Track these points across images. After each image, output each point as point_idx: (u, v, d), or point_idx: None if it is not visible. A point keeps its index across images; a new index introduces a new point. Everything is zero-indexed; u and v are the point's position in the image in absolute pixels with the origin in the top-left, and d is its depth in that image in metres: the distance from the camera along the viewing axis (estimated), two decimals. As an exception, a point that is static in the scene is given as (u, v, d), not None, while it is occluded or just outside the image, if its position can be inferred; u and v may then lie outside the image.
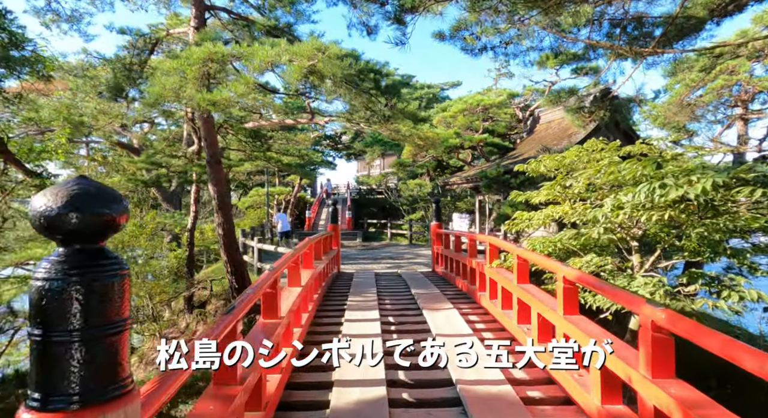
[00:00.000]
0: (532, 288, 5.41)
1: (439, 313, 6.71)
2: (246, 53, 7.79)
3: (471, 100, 21.68)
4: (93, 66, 11.65)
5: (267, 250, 13.47)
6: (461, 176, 18.86)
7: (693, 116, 17.48)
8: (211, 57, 7.89)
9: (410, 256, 19.94)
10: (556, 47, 9.39)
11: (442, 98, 39.38)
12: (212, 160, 10.44)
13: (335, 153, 40.16)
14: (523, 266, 5.68)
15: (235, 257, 10.75)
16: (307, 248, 6.95)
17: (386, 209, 32.60)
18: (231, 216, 10.68)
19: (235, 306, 3.29)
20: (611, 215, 4.40)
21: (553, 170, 6.05)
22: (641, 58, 8.25)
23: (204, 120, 10.37)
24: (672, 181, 3.78)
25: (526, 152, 17.50)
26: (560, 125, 17.47)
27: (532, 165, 6.20)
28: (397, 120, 11.49)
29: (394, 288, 9.34)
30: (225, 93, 7.55)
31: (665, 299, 4.02)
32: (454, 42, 10.13)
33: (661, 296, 4.04)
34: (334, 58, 8.10)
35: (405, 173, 28.77)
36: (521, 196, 6.33)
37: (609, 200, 4.42)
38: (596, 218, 4.49)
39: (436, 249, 12.08)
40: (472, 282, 8.28)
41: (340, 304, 7.60)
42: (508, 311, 6.12)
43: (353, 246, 25.26)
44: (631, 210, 4.23)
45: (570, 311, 4.35)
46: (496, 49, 10.03)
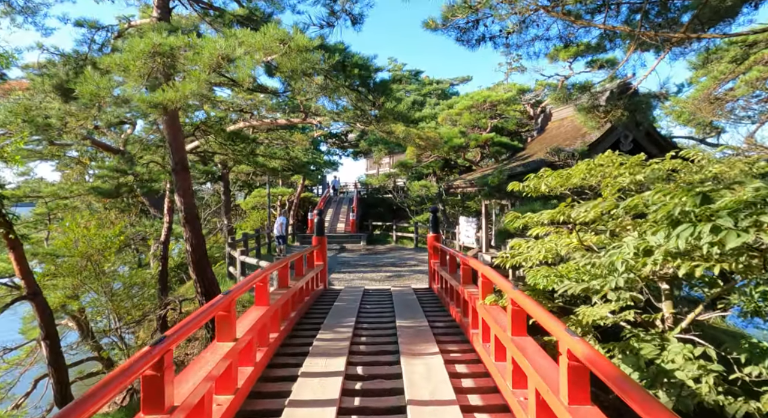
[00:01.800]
0: (529, 347, 4.15)
1: (420, 362, 5.47)
2: (197, 46, 6.60)
3: (477, 97, 20.29)
4: (54, 63, 10.57)
5: (249, 263, 12.34)
6: (465, 179, 17.54)
7: (721, 112, 15.96)
8: (157, 50, 6.72)
9: (414, 263, 18.78)
10: (565, 36, 8.05)
11: (452, 94, 37.91)
12: (178, 167, 9.30)
13: (341, 151, 38.98)
14: (519, 314, 4.42)
15: (205, 276, 9.62)
16: (261, 279, 5.75)
17: (395, 210, 31.41)
18: (200, 230, 9.54)
19: (162, 339, 3.03)
20: (635, 264, 3.14)
21: (557, 188, 4.78)
22: (668, 47, 6.90)
23: (168, 122, 9.23)
24: (729, 222, 2.52)
25: (536, 153, 16.11)
26: (573, 123, 16.04)
27: (531, 183, 4.91)
28: (387, 121, 10.24)
29: (377, 316, 8.12)
30: (170, 93, 6.37)
31: (715, 394, 2.74)
32: (447, 32, 8.84)
33: (710, 386, 2.76)
34: (303, 51, 6.87)
35: (409, 174, 27.45)
36: (518, 220, 5.05)
37: (631, 241, 3.16)
38: (614, 265, 3.23)
39: (432, 264, 10.84)
40: (464, 313, 7.04)
41: (305, 343, 6.40)
42: (503, 364, 4.87)
43: (357, 250, 24.16)
44: (664, 257, 2.97)
45: (579, 399, 3.10)
46: (496, 39, 8.72)
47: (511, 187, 4.98)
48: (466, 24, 8.71)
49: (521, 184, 4.94)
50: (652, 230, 3.07)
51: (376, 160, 39.56)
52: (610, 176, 4.69)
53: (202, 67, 6.41)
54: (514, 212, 5.21)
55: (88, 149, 19.32)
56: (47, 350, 9.09)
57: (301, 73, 7.24)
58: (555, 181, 4.64)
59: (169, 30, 7.52)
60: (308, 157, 26.19)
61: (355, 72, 9.25)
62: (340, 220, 31.24)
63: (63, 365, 9.41)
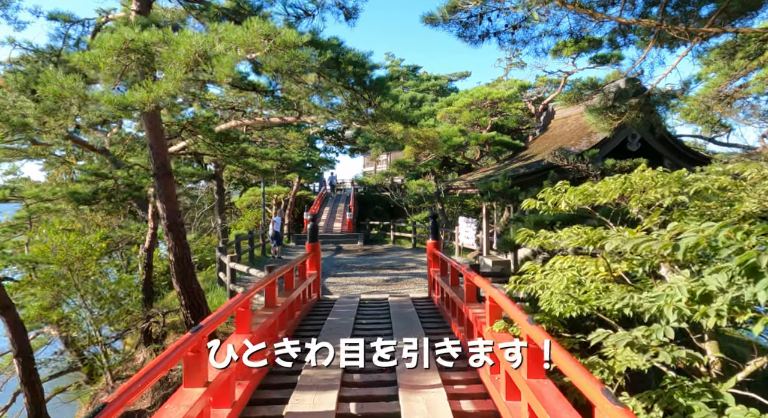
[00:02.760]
0: (550, 394, 3.55)
1: (421, 397, 4.87)
2: (173, 42, 5.95)
3: (478, 94, 19.63)
4: (29, 59, 9.91)
5: (239, 270, 11.73)
6: (466, 180, 16.93)
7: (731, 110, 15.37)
8: (129, 46, 6.08)
9: (412, 264, 18.22)
10: (577, 31, 7.42)
11: (450, 90, 37.26)
12: (159, 171, 8.66)
13: (338, 149, 38.27)
14: (537, 353, 3.82)
15: (190, 287, 8.98)
16: (242, 304, 5.14)
17: (392, 208, 30.81)
18: (184, 238, 8.91)
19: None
20: (693, 314, 2.52)
21: (578, 206, 4.16)
22: (695, 40, 6.28)
23: (149, 122, 8.58)
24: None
25: (539, 153, 15.51)
26: (578, 122, 15.44)
27: (548, 199, 4.27)
28: (384, 121, 9.60)
29: (373, 334, 7.50)
30: (141, 94, 5.73)
31: None
32: (449, 27, 8.21)
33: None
34: (291, 47, 6.22)
35: (406, 174, 26.83)
36: (533, 239, 4.42)
37: (683, 284, 2.56)
38: (660, 310, 2.63)
39: (432, 272, 10.23)
40: (468, 334, 6.44)
41: (293, 371, 5.79)
42: (515, 404, 4.28)
43: (354, 250, 23.58)
44: (730, 307, 2.38)
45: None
46: (502, 35, 8.09)
47: (526, 205, 4.34)
48: (469, 19, 8.08)
49: (536, 202, 4.30)
50: (710, 270, 2.47)
51: (373, 158, 38.90)
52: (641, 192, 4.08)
53: (178, 66, 5.76)
54: (525, 229, 4.59)
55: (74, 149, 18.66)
56: (19, 368, 8.48)
57: (289, 72, 6.59)
58: (577, 198, 4.01)
59: (144, 24, 6.86)
60: (303, 155, 25.53)
61: (350, 69, 8.61)
62: (337, 219, 30.63)
63: (37, 383, 8.79)
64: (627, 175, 4.16)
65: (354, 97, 10.23)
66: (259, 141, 21.01)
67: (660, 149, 13.24)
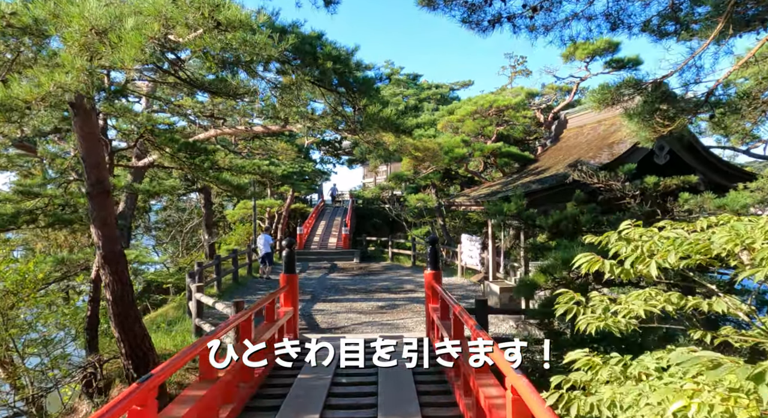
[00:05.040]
0: None
1: None
2: (67, 15, 4.32)
3: (482, 101, 18.01)
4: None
5: (206, 303, 10.01)
6: (470, 196, 15.22)
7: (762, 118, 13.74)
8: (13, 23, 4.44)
9: (410, 287, 16.60)
10: (615, 13, 5.80)
11: (452, 99, 35.72)
12: (94, 189, 6.98)
13: (335, 159, 36.64)
14: None
15: (131, 333, 7.25)
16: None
17: (391, 221, 29.22)
18: (125, 272, 7.21)
19: None
20: None
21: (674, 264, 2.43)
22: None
23: (80, 129, 6.91)
24: None
25: (551, 165, 13.84)
26: (596, 131, 13.78)
27: (628, 258, 2.46)
28: (373, 128, 7.96)
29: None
30: (17, 89, 4.08)
31: None
32: (451, 11, 6.57)
33: None
34: (237, 28, 4.57)
35: (406, 186, 25.22)
36: (588, 309, 2.68)
37: None
38: None
39: (431, 310, 8.50)
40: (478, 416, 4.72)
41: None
42: None
43: (349, 269, 21.93)
44: None
45: None
46: (516, 19, 6.45)
47: (586, 268, 2.60)
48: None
49: (603, 261, 2.55)
50: None
51: (372, 169, 37.31)
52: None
53: (72, 48, 4.11)
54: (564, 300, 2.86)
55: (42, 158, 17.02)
56: None
57: (239, 61, 4.95)
58: (683, 249, 2.27)
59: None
60: (294, 167, 23.89)
61: (329, 66, 6.97)
62: (333, 234, 29.01)
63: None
64: (740, 217, 2.47)
65: (338, 101, 8.62)
66: (245, 152, 19.38)
67: (691, 162, 11.56)
